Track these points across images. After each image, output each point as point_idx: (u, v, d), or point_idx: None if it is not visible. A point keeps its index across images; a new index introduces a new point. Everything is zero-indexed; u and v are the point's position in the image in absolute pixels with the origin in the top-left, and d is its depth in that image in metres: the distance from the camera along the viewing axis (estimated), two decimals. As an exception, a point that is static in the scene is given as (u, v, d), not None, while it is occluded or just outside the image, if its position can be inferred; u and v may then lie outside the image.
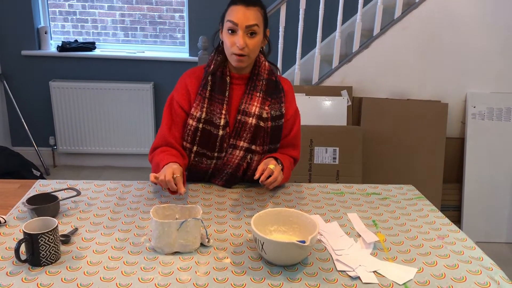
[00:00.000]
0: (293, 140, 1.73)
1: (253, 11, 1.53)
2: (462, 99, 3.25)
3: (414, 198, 1.66)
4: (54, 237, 1.14)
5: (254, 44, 1.55)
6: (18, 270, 1.12)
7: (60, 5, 3.93)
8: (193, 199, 1.58)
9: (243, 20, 1.51)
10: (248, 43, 1.53)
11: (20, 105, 3.93)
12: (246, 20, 1.51)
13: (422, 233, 1.40)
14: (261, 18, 1.56)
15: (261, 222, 1.27)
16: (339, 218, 1.48)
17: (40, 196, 1.42)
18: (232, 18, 1.52)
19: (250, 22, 1.52)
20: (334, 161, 2.98)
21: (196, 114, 1.61)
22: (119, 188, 1.63)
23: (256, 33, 1.54)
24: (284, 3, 3.07)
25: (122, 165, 4.11)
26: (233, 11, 1.53)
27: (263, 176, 1.50)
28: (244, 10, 1.51)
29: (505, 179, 3.17)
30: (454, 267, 1.21)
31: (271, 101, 1.66)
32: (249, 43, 1.54)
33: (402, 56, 3.17)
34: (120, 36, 4.02)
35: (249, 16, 1.51)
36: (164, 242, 1.21)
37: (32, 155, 3.89)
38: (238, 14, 1.51)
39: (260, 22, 1.55)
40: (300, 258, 1.19)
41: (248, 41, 1.53)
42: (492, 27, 3.10)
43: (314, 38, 3.25)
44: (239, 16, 1.51)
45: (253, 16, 1.52)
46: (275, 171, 1.52)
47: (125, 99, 3.87)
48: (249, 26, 1.52)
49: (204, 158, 1.65)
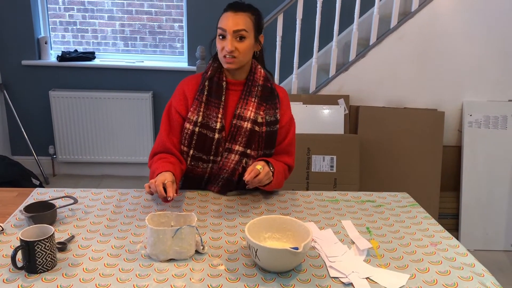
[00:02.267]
0: (287, 147, 1.76)
1: (242, 16, 1.59)
2: (458, 107, 3.27)
3: (408, 205, 1.68)
4: (51, 244, 1.15)
5: (243, 47, 1.60)
6: (15, 277, 1.13)
7: (61, 15, 3.97)
8: (189, 207, 1.59)
9: (231, 25, 1.58)
10: (237, 46, 1.59)
11: (20, 115, 3.96)
12: (234, 25, 1.58)
13: (415, 240, 1.41)
14: (250, 23, 1.61)
15: (255, 229, 1.29)
16: (334, 225, 1.50)
17: (37, 204, 1.44)
18: (221, 24, 1.60)
19: (238, 27, 1.58)
20: (331, 169, 3.00)
21: (193, 118, 1.65)
22: (116, 196, 1.65)
23: (245, 37, 1.60)
24: (281, 13, 3.10)
25: (121, 174, 4.12)
26: (223, 18, 1.61)
27: (250, 176, 1.51)
28: (232, 16, 1.59)
29: (502, 187, 3.18)
30: (446, 274, 1.22)
31: (266, 106, 1.69)
32: (239, 46, 1.60)
33: (399, 65, 3.19)
34: (120, 46, 4.06)
35: (237, 21, 1.58)
36: (159, 249, 1.22)
37: (32, 164, 3.91)
38: (228, 21, 1.59)
39: (249, 27, 1.60)
40: (293, 265, 1.20)
41: (237, 44, 1.59)
42: (487, 36, 3.13)
43: (311, 47, 3.28)
44: (227, 22, 1.59)
45: (241, 21, 1.59)
46: (261, 172, 1.55)
47: (125, 108, 3.90)
48: (237, 31, 1.58)
49: (200, 162, 1.68)
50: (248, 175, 1.52)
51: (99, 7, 3.95)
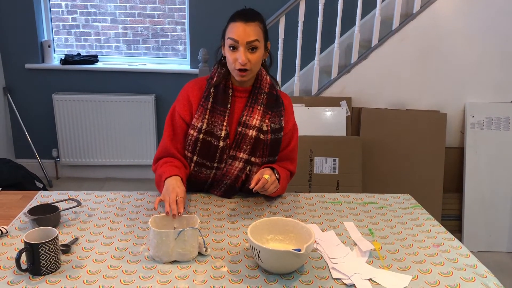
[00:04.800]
0: (290, 154, 1.75)
1: (253, 26, 1.55)
2: (461, 109, 3.27)
3: (411, 207, 1.68)
4: (55, 246, 1.16)
5: (256, 58, 1.57)
6: (19, 280, 1.14)
7: (64, 19, 3.99)
8: (192, 209, 1.60)
9: (243, 36, 1.53)
10: (250, 58, 1.56)
11: (24, 118, 3.98)
12: (247, 37, 1.53)
13: (418, 241, 1.41)
14: (261, 32, 1.57)
15: (257, 231, 1.29)
16: (336, 227, 1.50)
17: (41, 207, 1.45)
18: (232, 35, 1.54)
19: (251, 38, 1.54)
20: (334, 171, 3.00)
21: (198, 125, 1.64)
22: (119, 198, 1.66)
23: (257, 48, 1.56)
24: (283, 16, 3.11)
25: (124, 176, 4.14)
26: (233, 28, 1.55)
27: (257, 186, 1.51)
28: (244, 27, 1.53)
29: (505, 188, 3.18)
30: (448, 275, 1.23)
31: (271, 114, 1.68)
32: (251, 58, 1.56)
33: (401, 66, 3.20)
34: (123, 49, 4.08)
35: (249, 32, 1.53)
36: (162, 251, 1.23)
37: (35, 167, 3.93)
38: (238, 31, 1.53)
39: (260, 36, 1.57)
40: (296, 266, 1.21)
41: (249, 56, 1.56)
42: (489, 37, 3.14)
43: (313, 49, 3.29)
44: (239, 33, 1.53)
45: (253, 31, 1.54)
46: (269, 181, 1.54)
47: (127, 111, 3.91)
48: (250, 42, 1.54)
49: (203, 168, 1.67)
50: (254, 184, 1.51)
51: (102, 10, 3.97)
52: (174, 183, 1.49)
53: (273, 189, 1.58)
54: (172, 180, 1.51)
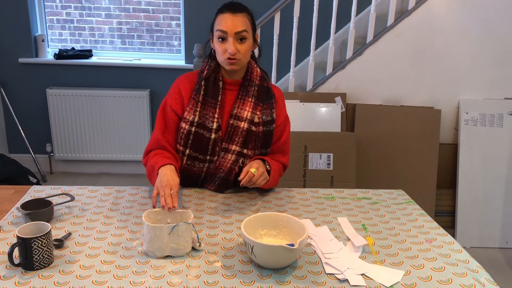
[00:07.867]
0: (282, 146, 1.76)
1: (240, 17, 1.57)
2: (455, 105, 3.28)
3: (404, 202, 1.69)
4: (47, 241, 1.16)
5: (245, 48, 1.59)
6: (12, 274, 1.14)
7: (58, 13, 3.96)
8: (186, 204, 1.60)
9: (231, 27, 1.55)
10: (239, 48, 1.58)
11: (17, 113, 3.95)
12: (235, 27, 1.55)
13: (411, 236, 1.42)
14: (248, 23, 1.60)
15: (251, 226, 1.29)
16: (329, 222, 1.51)
17: (34, 202, 1.44)
18: (220, 27, 1.56)
19: (239, 29, 1.56)
20: (328, 167, 3.00)
21: (189, 118, 1.64)
22: (112, 193, 1.66)
23: (245, 38, 1.59)
24: (278, 11, 3.11)
25: (118, 171, 4.13)
26: (221, 19, 1.57)
27: (244, 181, 1.53)
28: (231, 18, 1.56)
29: (498, 185, 3.20)
30: (440, 270, 1.23)
31: (262, 106, 1.69)
32: (240, 48, 1.58)
33: (395, 63, 3.20)
34: (117, 44, 4.06)
35: (237, 22, 1.56)
36: (156, 246, 1.23)
37: (29, 162, 3.91)
38: (227, 22, 1.56)
39: (248, 27, 1.59)
40: (289, 261, 1.21)
41: (238, 46, 1.58)
42: (483, 34, 3.14)
43: (308, 45, 3.29)
44: (227, 24, 1.56)
45: (240, 22, 1.56)
46: (255, 175, 1.55)
47: (122, 106, 3.90)
48: (238, 33, 1.56)
49: (196, 161, 1.68)
50: (243, 181, 1.53)
51: (96, 5, 3.94)
52: (168, 173, 1.48)
53: (261, 181, 1.58)
54: (166, 170, 1.50)
